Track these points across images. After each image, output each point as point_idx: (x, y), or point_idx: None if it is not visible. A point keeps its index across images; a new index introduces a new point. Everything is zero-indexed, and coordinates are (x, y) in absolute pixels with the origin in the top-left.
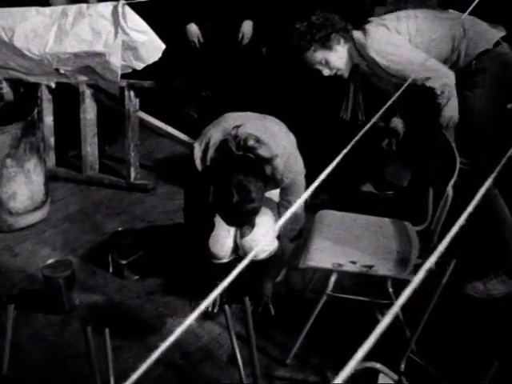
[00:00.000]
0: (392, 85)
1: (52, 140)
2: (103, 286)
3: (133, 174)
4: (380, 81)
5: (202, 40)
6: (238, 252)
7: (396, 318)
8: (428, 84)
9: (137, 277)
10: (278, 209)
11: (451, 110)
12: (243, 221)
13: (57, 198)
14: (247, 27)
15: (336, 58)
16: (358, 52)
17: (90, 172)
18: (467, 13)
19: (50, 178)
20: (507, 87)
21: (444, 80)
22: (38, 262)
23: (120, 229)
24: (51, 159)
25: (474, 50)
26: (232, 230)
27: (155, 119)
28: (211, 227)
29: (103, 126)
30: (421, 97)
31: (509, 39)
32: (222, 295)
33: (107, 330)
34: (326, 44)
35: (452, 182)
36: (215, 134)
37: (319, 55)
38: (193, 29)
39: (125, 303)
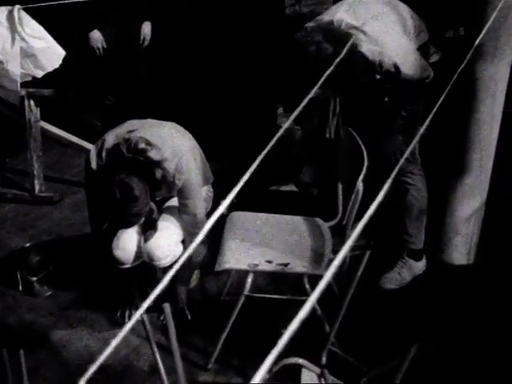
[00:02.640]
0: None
1: None
2: (13, 306)
3: (37, 187)
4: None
5: (105, 46)
6: (143, 257)
7: (314, 313)
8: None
9: (48, 293)
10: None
11: None
12: (130, 221)
13: None
14: (147, 28)
15: None
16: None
17: None
18: None
19: None
20: None
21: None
22: None
23: (27, 244)
24: None
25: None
26: (135, 234)
27: (57, 129)
28: (115, 232)
29: (2, 137)
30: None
31: None
32: (136, 305)
33: (22, 352)
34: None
35: (361, 177)
36: (109, 137)
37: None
38: (96, 35)
39: (37, 322)
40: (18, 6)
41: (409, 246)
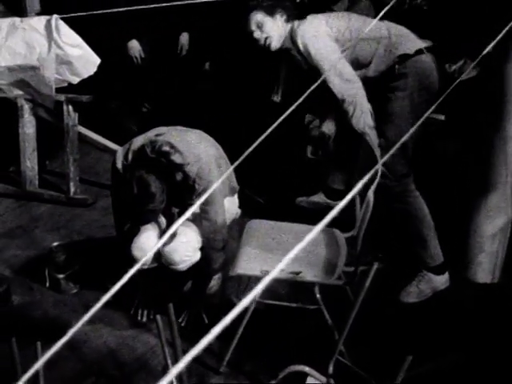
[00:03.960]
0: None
1: None
2: (40, 301)
3: (72, 189)
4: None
5: (143, 55)
6: (161, 260)
7: (324, 321)
8: (332, 87)
9: (74, 291)
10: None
11: (360, 118)
12: (145, 218)
13: None
14: (185, 39)
15: (272, 25)
16: (291, 37)
17: (29, 187)
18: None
19: None
20: (427, 93)
21: (344, 85)
22: None
23: (57, 243)
24: None
25: (395, 52)
26: (155, 237)
27: (95, 134)
28: (135, 232)
29: (44, 140)
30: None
31: (434, 51)
32: (151, 305)
33: (39, 343)
34: (269, 10)
35: (373, 188)
36: (137, 139)
37: (259, 16)
38: (134, 45)
39: (61, 317)
40: (55, 16)
41: (422, 262)
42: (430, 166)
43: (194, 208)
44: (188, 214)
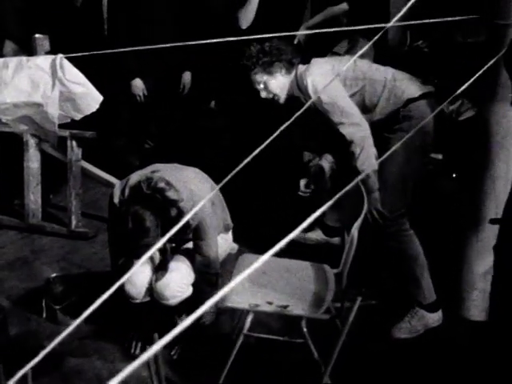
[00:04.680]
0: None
1: None
2: (36, 332)
3: (74, 222)
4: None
5: (146, 94)
6: (154, 295)
7: (310, 354)
8: (339, 129)
9: (71, 322)
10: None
11: (365, 161)
12: (139, 252)
13: None
14: (187, 78)
15: (274, 83)
16: (298, 85)
17: (32, 220)
18: None
19: None
20: (422, 135)
21: (354, 129)
22: None
23: (54, 275)
24: None
25: (401, 96)
26: (148, 272)
27: (97, 169)
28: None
29: (48, 174)
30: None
31: (435, 96)
32: (145, 338)
33: (30, 372)
34: (267, 69)
35: (357, 225)
36: (134, 176)
37: (259, 77)
38: (138, 83)
39: (56, 348)
40: (60, 55)
41: (414, 300)
42: (427, 203)
43: (164, 241)
44: (154, 249)
